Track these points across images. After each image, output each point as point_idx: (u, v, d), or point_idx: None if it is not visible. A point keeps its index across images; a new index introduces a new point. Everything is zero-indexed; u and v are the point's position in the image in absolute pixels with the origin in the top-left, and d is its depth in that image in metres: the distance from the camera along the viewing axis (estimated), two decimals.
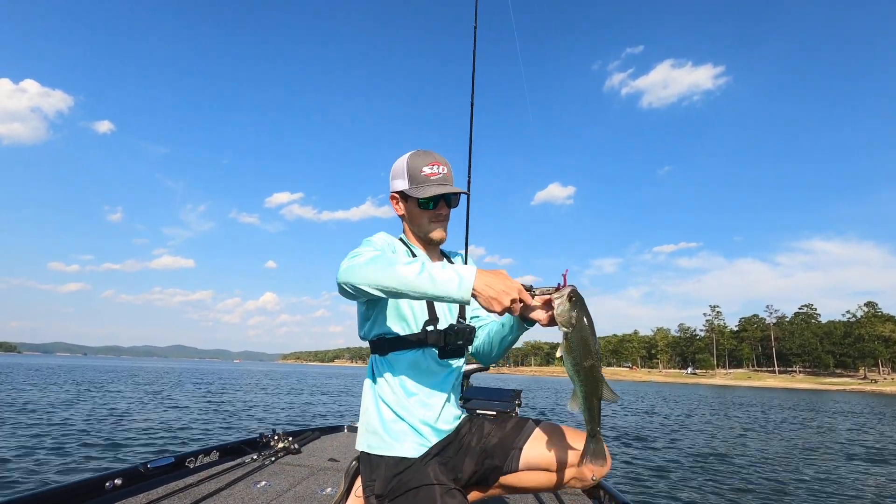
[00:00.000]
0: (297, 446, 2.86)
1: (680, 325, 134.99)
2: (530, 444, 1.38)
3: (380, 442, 1.34)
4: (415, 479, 1.27)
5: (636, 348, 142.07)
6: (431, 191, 1.41)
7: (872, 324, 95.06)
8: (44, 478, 4.84)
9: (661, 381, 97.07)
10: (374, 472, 1.34)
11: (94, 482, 1.87)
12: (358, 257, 1.21)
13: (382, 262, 1.15)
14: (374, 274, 1.14)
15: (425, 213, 1.47)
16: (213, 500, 1.99)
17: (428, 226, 1.48)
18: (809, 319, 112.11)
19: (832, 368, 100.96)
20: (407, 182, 1.45)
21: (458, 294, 1.09)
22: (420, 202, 1.44)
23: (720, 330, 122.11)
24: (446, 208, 1.49)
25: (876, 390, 68.37)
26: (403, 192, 1.46)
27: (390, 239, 1.48)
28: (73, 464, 5.47)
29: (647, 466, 7.14)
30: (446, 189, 1.43)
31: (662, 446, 9.26)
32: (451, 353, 1.41)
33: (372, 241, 1.40)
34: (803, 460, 8.47)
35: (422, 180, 1.43)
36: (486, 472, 1.40)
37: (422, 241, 1.54)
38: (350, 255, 1.25)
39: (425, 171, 1.43)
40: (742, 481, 6.49)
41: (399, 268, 1.12)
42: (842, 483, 6.69)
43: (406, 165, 1.45)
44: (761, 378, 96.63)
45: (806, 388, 75.91)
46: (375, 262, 1.16)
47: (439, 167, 1.45)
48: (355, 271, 1.17)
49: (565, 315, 1.14)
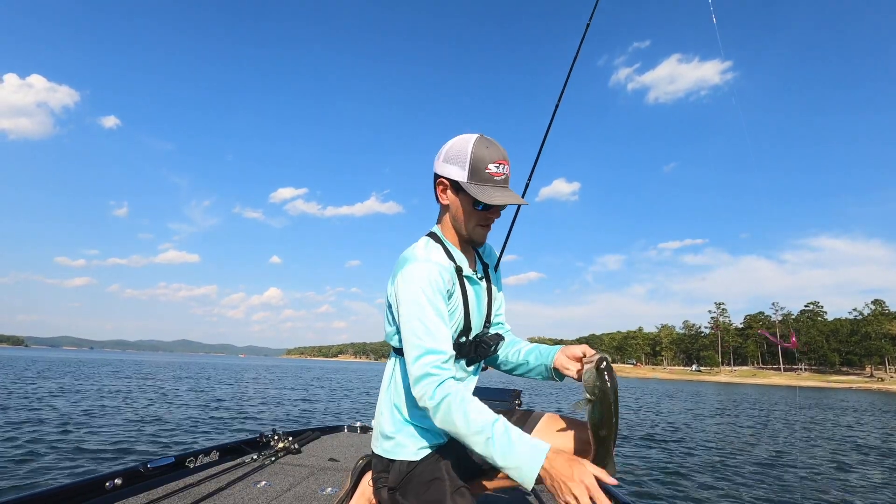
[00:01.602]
0: (297, 446, 2.85)
1: (685, 323, 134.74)
2: (536, 435, 1.35)
3: (392, 446, 1.35)
4: (426, 472, 1.28)
5: (641, 345, 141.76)
6: (496, 198, 1.26)
7: (879, 322, 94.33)
8: (44, 478, 4.85)
9: (666, 378, 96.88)
10: (387, 466, 1.36)
11: (94, 482, 1.87)
12: (429, 401, 1.16)
13: (459, 429, 1.13)
14: (451, 428, 1.15)
15: (476, 213, 1.33)
16: (213, 500, 1.99)
17: (473, 228, 1.36)
18: (816, 317, 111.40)
19: (838, 366, 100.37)
20: (467, 174, 1.27)
21: (519, 474, 1.06)
22: (477, 203, 1.30)
23: (725, 327, 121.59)
24: (498, 214, 1.37)
25: (883, 388, 67.93)
26: (459, 183, 1.29)
27: (439, 276, 1.27)
28: (73, 464, 5.48)
29: (648, 465, 7.12)
30: (512, 199, 1.28)
31: (664, 445, 9.24)
32: (477, 360, 1.41)
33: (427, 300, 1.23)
34: (809, 458, 8.42)
35: (485, 178, 1.27)
36: (488, 470, 1.40)
37: (460, 239, 1.42)
38: (419, 384, 1.18)
39: (491, 169, 1.26)
40: (746, 480, 6.46)
41: (471, 437, 1.11)
42: (848, 481, 6.66)
43: (470, 154, 1.27)
44: (766, 376, 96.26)
45: (812, 385, 75.52)
46: (451, 424, 1.15)
47: (505, 167, 1.29)
48: (438, 413, 1.16)
49: (591, 383, 1.15)
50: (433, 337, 1.20)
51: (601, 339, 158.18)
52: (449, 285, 1.30)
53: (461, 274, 1.37)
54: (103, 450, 6.27)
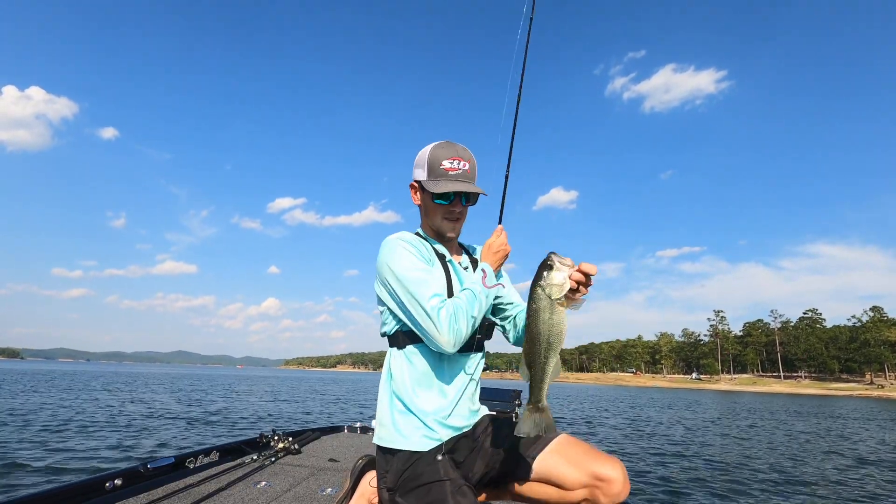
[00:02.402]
0: (297, 446, 2.85)
1: (684, 330, 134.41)
2: (544, 456, 1.32)
3: (389, 435, 1.35)
4: (426, 473, 1.27)
5: (640, 353, 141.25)
6: (444, 186, 1.38)
7: (878, 328, 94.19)
8: (44, 478, 4.85)
9: (666, 386, 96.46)
10: (388, 464, 1.35)
11: (94, 482, 1.87)
12: (456, 323, 1.26)
13: (463, 312, 1.27)
14: (467, 326, 1.27)
15: (439, 208, 1.44)
16: (213, 500, 1.98)
17: (440, 222, 1.46)
18: (814, 324, 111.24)
19: (838, 374, 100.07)
20: (426, 173, 1.42)
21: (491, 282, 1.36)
22: (434, 196, 1.41)
23: (724, 335, 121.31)
24: (460, 206, 1.45)
25: (883, 395, 67.68)
26: (421, 182, 1.44)
27: (418, 243, 1.42)
28: (73, 464, 5.47)
29: (654, 475, 7.08)
30: (462, 186, 1.38)
31: (669, 455, 9.19)
32: (469, 346, 1.41)
33: (409, 253, 1.36)
34: (812, 466, 8.38)
35: (440, 174, 1.40)
36: (497, 476, 1.38)
37: (438, 237, 1.51)
38: (428, 311, 1.26)
39: (445, 165, 1.40)
40: (747, 488, 6.43)
41: (474, 307, 1.29)
42: (849, 488, 6.62)
43: (427, 155, 1.42)
44: (766, 383, 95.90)
45: (811, 393, 75.28)
46: (460, 317, 1.27)
47: (460, 162, 1.41)
48: (461, 331, 1.26)
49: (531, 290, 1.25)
50: (427, 284, 1.30)
51: (600, 348, 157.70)
52: (425, 254, 1.40)
53: (444, 258, 1.45)
54: (103, 450, 6.24)
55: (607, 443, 10.02)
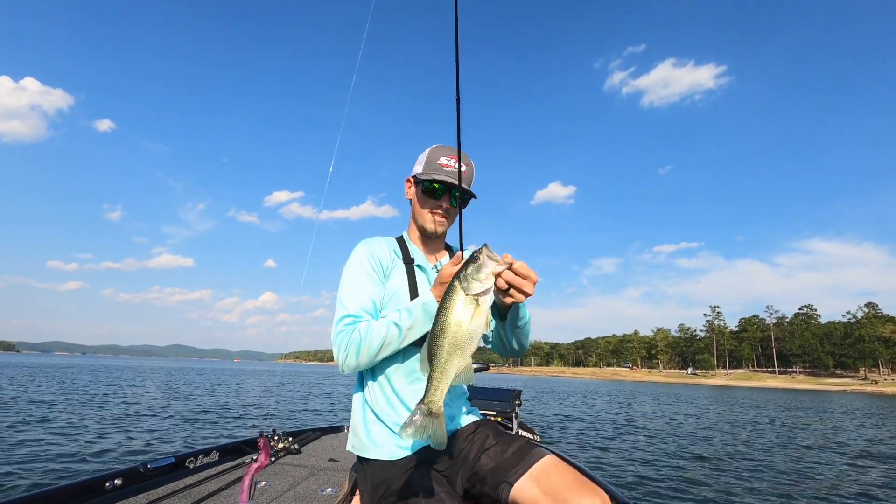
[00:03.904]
0: (297, 446, 2.85)
1: (680, 326, 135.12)
2: (522, 483, 1.20)
3: (360, 444, 1.34)
4: (401, 489, 1.22)
5: (636, 348, 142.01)
6: (434, 175, 1.42)
7: (873, 324, 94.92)
8: (44, 478, 4.84)
9: (662, 381, 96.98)
10: (364, 473, 1.34)
11: (94, 482, 1.86)
12: (345, 351, 1.24)
13: (363, 346, 1.23)
14: (358, 358, 1.24)
15: (427, 200, 1.46)
16: (213, 500, 1.98)
17: (424, 214, 1.48)
18: (809, 320, 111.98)
19: (832, 369, 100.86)
20: (422, 167, 1.46)
21: (427, 314, 1.24)
22: (424, 185, 1.44)
23: (720, 330, 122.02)
24: (447, 202, 1.46)
25: (876, 391, 68.26)
26: (415, 175, 1.49)
27: (383, 250, 1.43)
28: (73, 464, 5.46)
29: (643, 469, 7.13)
30: (448, 178, 1.42)
31: (663, 449, 9.25)
32: None
33: (359, 263, 1.38)
34: (806, 461, 8.46)
35: (434, 167, 1.44)
36: (477, 495, 1.33)
37: (419, 232, 1.52)
38: (334, 328, 1.28)
39: (441, 161, 1.45)
40: (744, 483, 6.48)
41: (380, 342, 1.23)
42: (841, 481, 6.69)
43: (427, 152, 1.48)
44: (761, 379, 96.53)
45: (806, 388, 75.86)
46: (352, 348, 1.24)
47: (457, 162, 1.44)
48: (350, 362, 1.24)
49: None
50: (351, 300, 1.32)
51: (597, 343, 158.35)
52: (386, 262, 1.41)
53: (411, 263, 1.45)
54: (103, 450, 6.23)
55: (599, 438, 10.08)
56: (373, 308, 1.34)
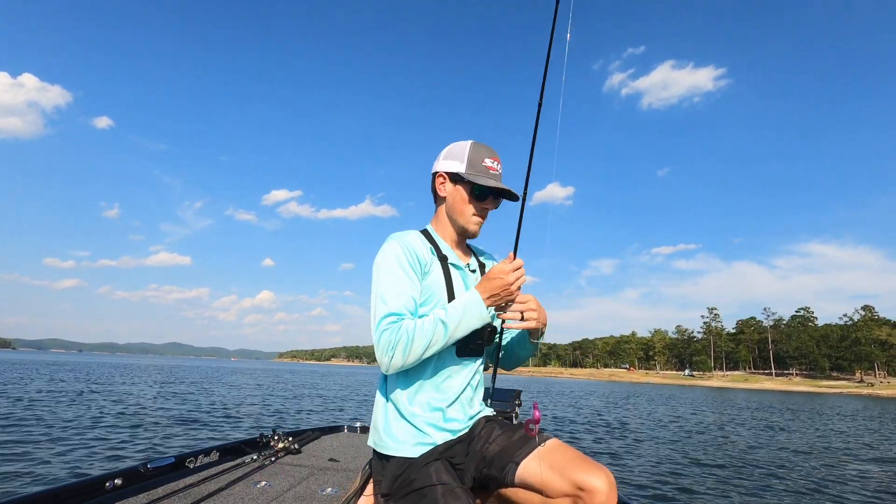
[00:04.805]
0: (297, 446, 2.85)
1: (677, 327, 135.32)
2: (528, 462, 1.26)
3: (381, 441, 1.34)
4: (418, 479, 1.25)
5: (634, 350, 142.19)
6: (491, 182, 1.40)
7: (869, 327, 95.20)
8: (44, 478, 4.82)
9: (659, 382, 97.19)
10: (382, 469, 1.34)
11: (94, 482, 1.86)
12: (391, 351, 1.22)
13: (409, 345, 1.22)
14: (405, 358, 1.23)
15: (473, 203, 1.44)
16: (213, 500, 1.98)
17: (469, 217, 1.45)
18: (806, 322, 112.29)
19: (828, 371, 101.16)
20: (465, 166, 1.42)
21: (480, 319, 1.29)
22: (475, 189, 1.42)
23: (717, 332, 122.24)
24: (493, 205, 1.47)
25: (872, 393, 68.52)
26: (459, 174, 1.42)
27: (418, 246, 1.39)
28: (73, 464, 5.44)
29: (644, 471, 7.14)
30: (502, 186, 1.42)
31: (658, 449, 9.27)
32: (470, 351, 1.39)
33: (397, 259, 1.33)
34: (803, 463, 8.49)
35: (481, 169, 1.41)
36: (485, 480, 1.36)
37: (454, 231, 1.49)
38: (375, 328, 1.26)
39: (486, 163, 1.42)
40: (743, 484, 6.50)
41: (429, 341, 1.23)
42: (842, 484, 6.71)
43: (468, 151, 1.43)
44: (758, 380, 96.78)
45: (802, 390, 76.08)
46: (399, 349, 1.22)
47: (498, 164, 1.45)
48: (396, 362, 1.23)
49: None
50: (392, 299, 1.28)
51: (594, 344, 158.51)
52: (424, 259, 1.38)
53: (446, 261, 1.43)
54: (103, 450, 6.22)
55: (595, 439, 10.09)
56: (413, 306, 1.31)
